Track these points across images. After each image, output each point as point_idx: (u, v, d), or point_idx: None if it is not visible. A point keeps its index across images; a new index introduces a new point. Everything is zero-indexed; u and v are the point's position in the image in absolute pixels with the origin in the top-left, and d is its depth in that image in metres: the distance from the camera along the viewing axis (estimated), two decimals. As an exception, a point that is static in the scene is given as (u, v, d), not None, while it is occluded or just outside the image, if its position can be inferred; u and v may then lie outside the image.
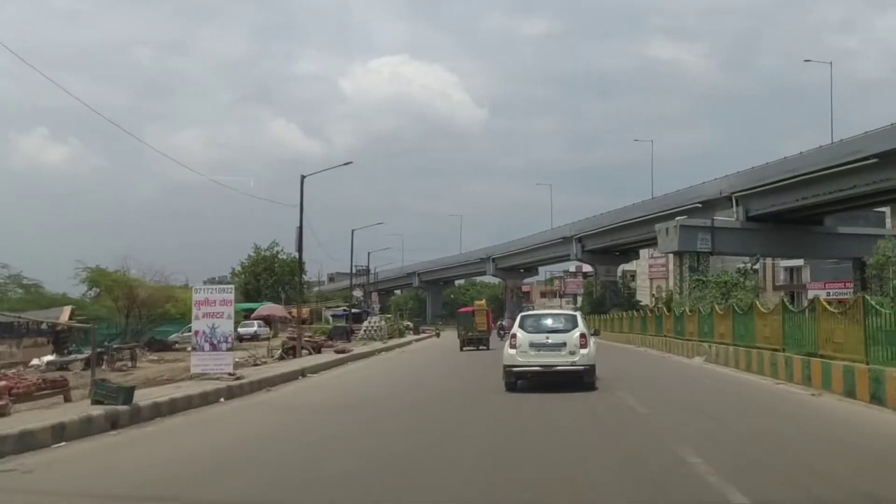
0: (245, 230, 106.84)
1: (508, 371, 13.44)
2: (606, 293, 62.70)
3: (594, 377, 13.40)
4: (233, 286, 14.65)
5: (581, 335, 13.37)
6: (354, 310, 54.32)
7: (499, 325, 41.49)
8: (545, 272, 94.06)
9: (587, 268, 75.43)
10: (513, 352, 13.45)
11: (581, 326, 13.78)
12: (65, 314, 26.88)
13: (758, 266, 46.51)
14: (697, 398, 12.79)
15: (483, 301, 39.18)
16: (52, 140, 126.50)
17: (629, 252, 64.85)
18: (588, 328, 14.27)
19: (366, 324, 42.53)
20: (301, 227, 23.36)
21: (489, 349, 31.16)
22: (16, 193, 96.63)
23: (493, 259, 79.32)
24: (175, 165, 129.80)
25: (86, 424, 8.73)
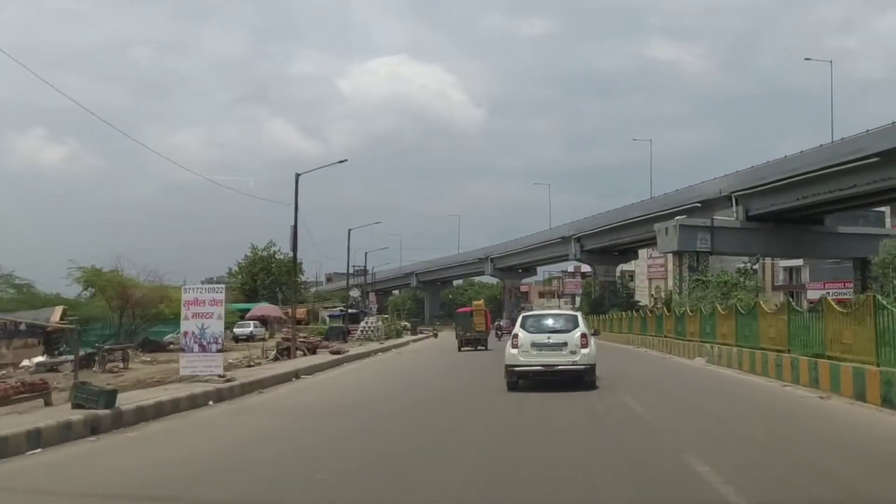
0: (243, 230, 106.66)
1: (510, 370, 13.52)
2: (605, 293, 62.36)
3: (594, 376, 13.51)
4: (223, 286, 14.28)
5: (582, 335, 13.50)
6: (351, 310, 53.89)
7: (496, 326, 41.27)
8: (543, 272, 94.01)
9: (586, 268, 75.12)
10: (515, 351, 13.53)
11: (582, 326, 13.91)
12: (56, 314, 26.42)
13: (757, 266, 46.11)
14: (701, 400, 12.45)
15: (481, 301, 39.01)
16: (50, 140, 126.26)
17: (628, 252, 64.51)
18: (588, 328, 14.37)
19: (362, 324, 42.13)
20: (295, 226, 23.04)
21: (487, 349, 31.19)
22: (13, 193, 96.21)
23: (492, 259, 79.00)
24: (173, 165, 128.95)
25: (64, 430, 8.32)
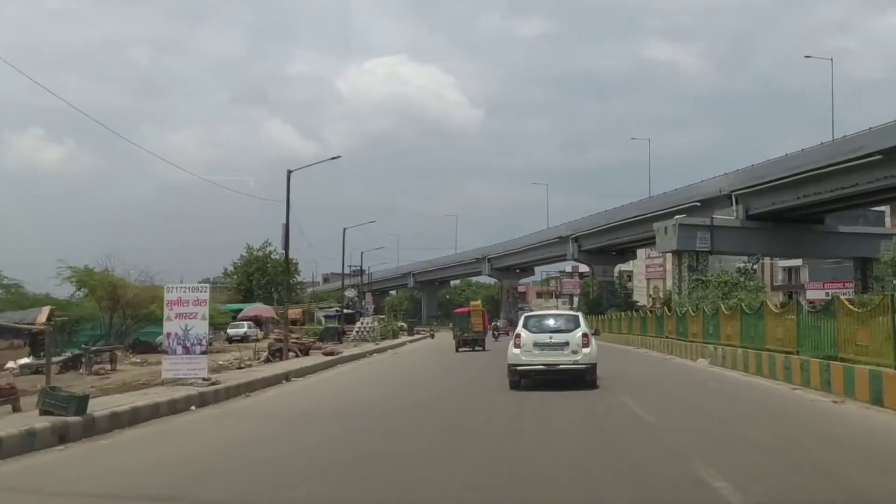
0: (242, 230, 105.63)
1: (513, 369, 13.72)
2: (603, 293, 61.84)
3: (595, 375, 13.74)
4: (207, 285, 13.66)
5: (583, 335, 13.74)
6: (347, 311, 53.28)
7: (493, 326, 40.97)
8: (541, 272, 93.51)
9: (584, 268, 74.65)
10: (517, 351, 13.74)
11: (583, 326, 14.15)
12: (42, 315, 25.87)
13: (756, 266, 45.62)
14: (706, 402, 11.89)
15: (479, 301, 38.82)
16: (48, 140, 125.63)
17: (626, 252, 64.00)
18: (589, 328, 14.57)
19: (358, 325, 41.54)
20: (287, 224, 22.41)
21: (485, 350, 31.01)
22: (10, 193, 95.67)
23: (489, 259, 78.49)
24: (171, 165, 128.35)
25: (28, 439, 7.72)
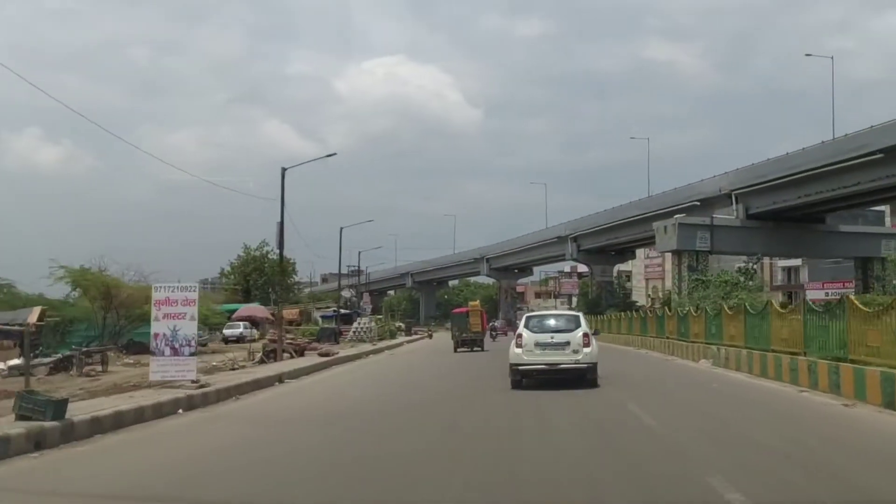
0: (239, 231, 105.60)
1: (515, 369, 13.88)
2: (602, 294, 61.49)
3: (596, 375, 13.98)
4: (196, 284, 13.27)
5: (584, 334, 13.97)
6: (345, 311, 52.86)
7: (491, 327, 40.84)
8: (540, 272, 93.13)
9: (582, 268, 74.33)
10: (519, 351, 13.93)
11: (584, 326, 14.37)
12: (34, 315, 25.45)
13: (756, 266, 45.27)
14: (711, 405, 11.48)
15: (477, 302, 38.75)
16: (46, 140, 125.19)
17: (625, 252, 63.62)
18: (590, 328, 14.79)
19: (355, 325, 41.14)
20: (282, 223, 22.03)
21: (483, 350, 30.88)
22: (7, 193, 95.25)
23: (487, 259, 78.12)
24: (169, 166, 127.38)
25: (1, 445, 7.33)
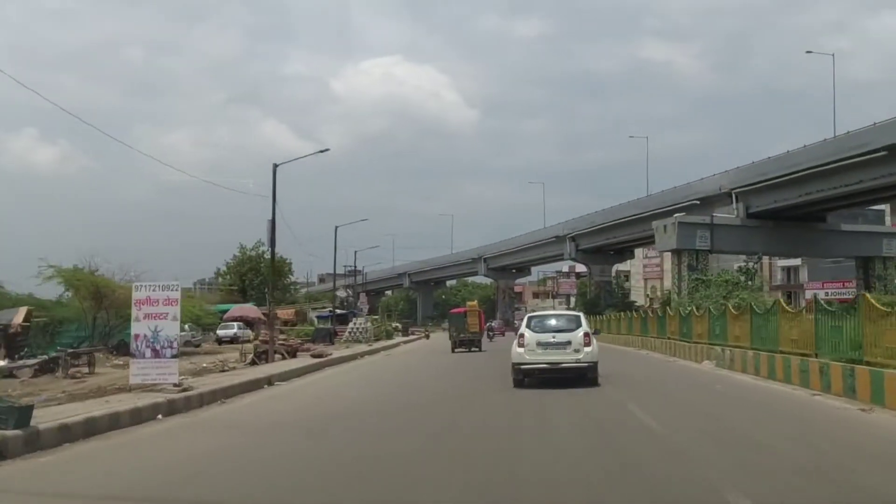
0: (238, 231, 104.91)
1: (517, 368, 14.09)
2: (601, 294, 61.01)
3: (597, 373, 14.20)
4: (178, 283, 12.70)
5: (585, 334, 14.18)
6: (340, 311, 52.25)
7: (488, 327, 40.52)
8: (538, 272, 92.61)
9: (580, 268, 73.84)
10: (521, 350, 14.13)
11: (584, 326, 14.57)
12: (19, 316, 24.90)
13: (757, 265, 44.76)
14: (720, 410, 10.89)
15: (475, 302, 38.40)
16: (42, 141, 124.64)
17: (624, 252, 63.12)
18: (591, 327, 14.98)
19: (350, 325, 40.57)
20: (273, 220, 21.48)
21: (482, 350, 30.63)
22: (3, 193, 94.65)
23: (485, 259, 77.61)
24: (166, 166, 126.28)
25: (-45, 457, 6.77)
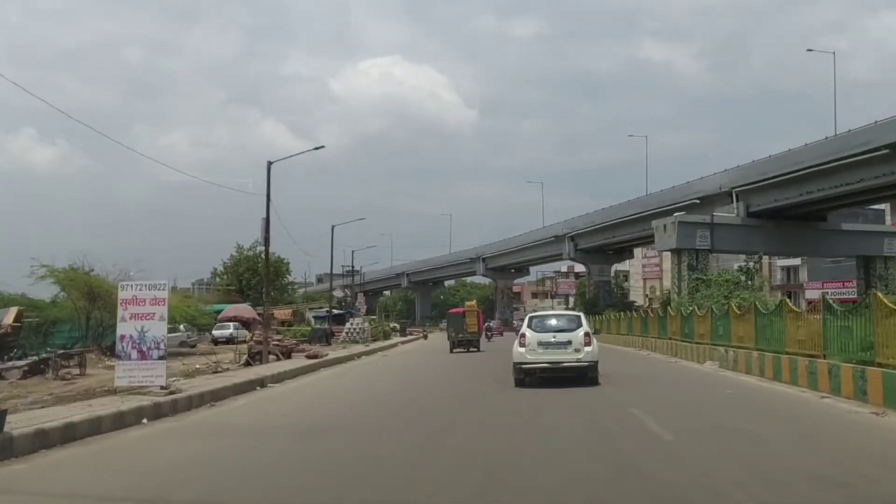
0: (236, 231, 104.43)
1: (518, 368, 14.28)
2: (600, 293, 60.65)
3: (597, 373, 14.40)
4: (165, 282, 12.31)
5: (585, 334, 14.34)
6: (338, 311, 51.83)
7: (486, 327, 40.29)
8: (536, 272, 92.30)
9: (579, 268, 73.54)
10: (522, 350, 14.30)
11: (585, 326, 14.72)
12: (9, 316, 24.45)
13: (757, 265, 44.40)
14: (732, 415, 10.35)
15: (474, 302, 38.10)
16: (41, 141, 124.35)
17: (623, 251, 62.72)
18: (591, 327, 15.13)
19: (347, 326, 40.20)
20: (267, 218, 21.01)
21: (480, 350, 30.46)
22: (3, 193, 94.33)
23: (484, 259, 77.25)
24: (164, 166, 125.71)
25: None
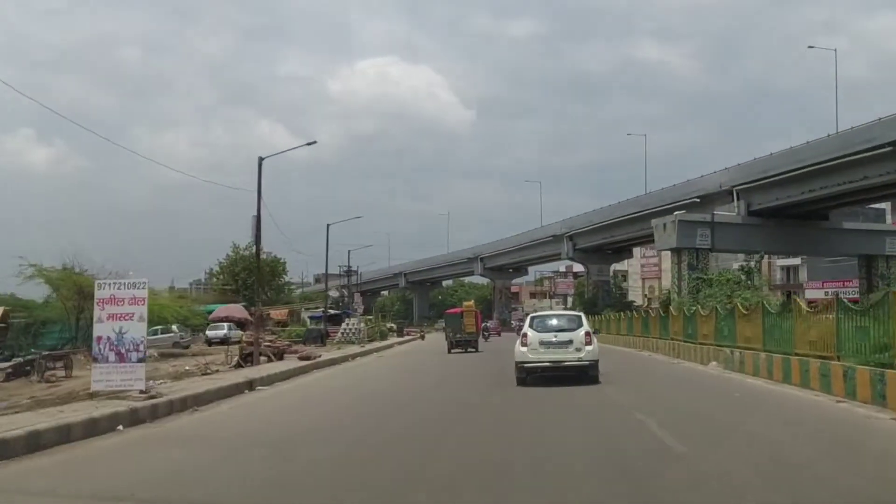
0: (234, 231, 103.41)
1: (520, 367, 14.46)
2: (599, 293, 60.14)
3: (598, 371, 14.56)
4: (146, 280, 11.71)
5: (586, 333, 14.54)
6: (334, 311, 51.23)
7: (483, 327, 39.81)
8: (535, 272, 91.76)
9: (578, 268, 73.05)
10: (524, 349, 14.48)
11: (586, 325, 14.89)
12: (-6, 316, 23.95)
13: (758, 264, 43.92)
14: (744, 421, 9.69)
15: (472, 302, 37.60)
16: (38, 141, 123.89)
17: (622, 251, 62.26)
18: (591, 327, 15.33)
19: (343, 326, 39.62)
20: (259, 215, 20.46)
21: (478, 351, 30.21)
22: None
23: (481, 259, 76.72)
24: (163, 167, 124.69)
25: None
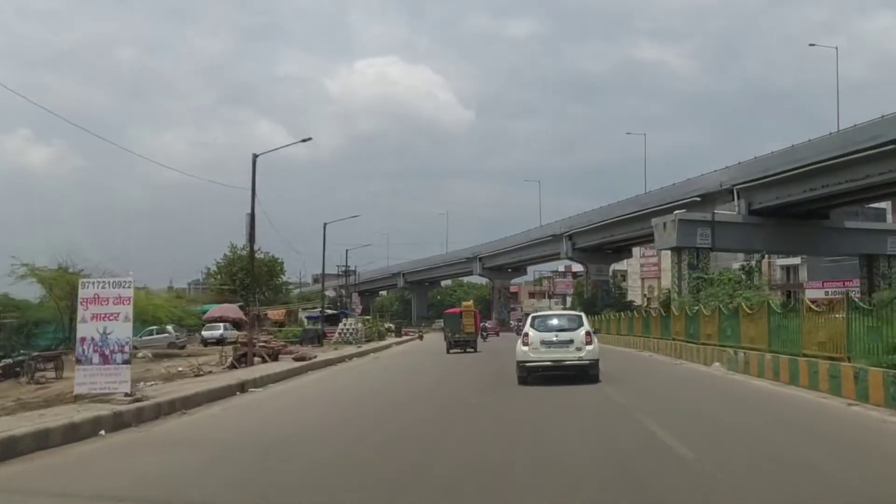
0: (233, 231, 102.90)
1: (521, 366, 14.64)
2: (598, 293, 59.81)
3: (598, 370, 14.70)
4: (132, 279, 11.32)
5: (586, 333, 14.67)
6: (330, 311, 50.86)
7: (481, 327, 39.58)
8: (534, 272, 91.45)
9: (577, 268, 72.76)
10: (525, 349, 14.66)
11: (586, 325, 15.02)
12: (-18, 316, 23.58)
13: (759, 263, 43.60)
14: (753, 424, 9.34)
15: (471, 302, 37.33)
16: (36, 141, 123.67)
17: (622, 250, 61.96)
18: (592, 327, 15.45)
19: (340, 326, 39.21)
20: (253, 213, 20.09)
21: (477, 351, 30.02)
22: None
23: (480, 258, 76.38)
24: (161, 167, 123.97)
25: None
